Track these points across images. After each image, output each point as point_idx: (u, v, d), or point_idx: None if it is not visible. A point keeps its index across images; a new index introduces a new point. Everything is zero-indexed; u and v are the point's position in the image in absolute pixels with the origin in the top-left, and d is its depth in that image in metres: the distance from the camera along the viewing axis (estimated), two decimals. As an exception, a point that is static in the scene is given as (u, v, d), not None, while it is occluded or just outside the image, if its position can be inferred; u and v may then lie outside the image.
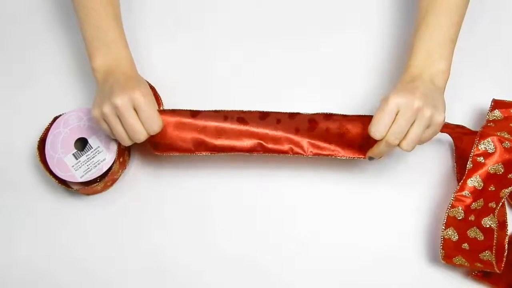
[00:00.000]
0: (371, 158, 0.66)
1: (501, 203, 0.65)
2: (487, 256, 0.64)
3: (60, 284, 0.70)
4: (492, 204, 0.65)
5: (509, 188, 0.66)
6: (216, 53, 0.79)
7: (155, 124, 0.65)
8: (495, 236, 0.64)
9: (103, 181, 0.70)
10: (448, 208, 0.66)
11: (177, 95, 0.76)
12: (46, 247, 0.71)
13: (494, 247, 0.64)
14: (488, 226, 0.64)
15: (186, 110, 0.67)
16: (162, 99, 0.74)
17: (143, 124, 0.65)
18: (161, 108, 0.73)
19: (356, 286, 0.69)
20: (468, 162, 0.67)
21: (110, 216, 0.72)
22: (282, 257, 0.70)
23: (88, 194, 0.73)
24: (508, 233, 0.68)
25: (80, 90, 0.77)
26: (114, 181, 0.73)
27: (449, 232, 0.65)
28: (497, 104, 0.70)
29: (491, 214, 0.65)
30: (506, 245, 0.66)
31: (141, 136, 0.65)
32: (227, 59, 0.78)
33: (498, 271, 0.64)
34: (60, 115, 0.72)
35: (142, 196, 0.73)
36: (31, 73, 0.78)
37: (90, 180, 0.70)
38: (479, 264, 0.64)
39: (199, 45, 0.79)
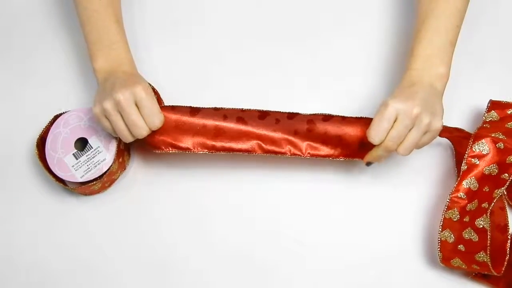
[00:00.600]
0: (369, 164, 0.67)
1: (493, 203, 0.66)
2: (482, 257, 0.64)
3: (60, 283, 0.70)
4: (485, 205, 0.66)
5: (502, 188, 0.66)
6: (216, 53, 0.79)
7: (156, 119, 0.65)
8: (488, 236, 0.65)
9: (101, 181, 0.70)
10: (444, 209, 0.66)
11: (176, 95, 0.76)
12: (46, 247, 0.71)
13: (488, 247, 0.64)
14: (481, 226, 0.65)
15: (186, 107, 0.67)
16: (162, 100, 0.74)
17: (145, 120, 0.65)
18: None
19: (356, 286, 0.69)
20: (462, 164, 0.67)
21: (110, 216, 0.72)
22: (281, 257, 0.71)
23: (85, 194, 0.73)
24: (509, 236, 0.68)
25: (81, 89, 0.77)
26: (112, 181, 0.73)
27: (446, 234, 0.66)
28: (494, 105, 0.71)
29: (484, 215, 0.66)
30: (508, 249, 0.66)
31: (143, 131, 0.65)
32: (227, 60, 0.78)
33: (496, 274, 0.65)
34: (60, 115, 0.72)
35: (141, 196, 0.73)
36: (31, 73, 0.78)
37: (90, 180, 0.70)
38: (475, 266, 0.65)
39: (199, 45, 0.79)
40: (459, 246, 0.65)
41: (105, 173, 0.70)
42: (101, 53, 0.68)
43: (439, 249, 0.66)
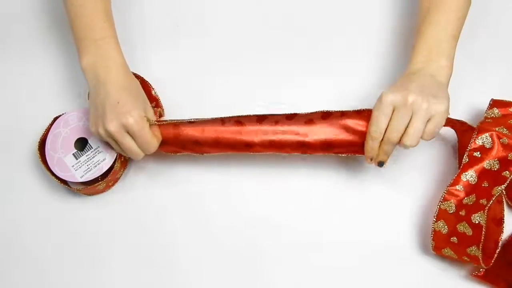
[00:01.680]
0: (381, 164, 0.66)
1: (492, 201, 0.65)
2: (474, 251, 0.64)
3: (61, 284, 0.70)
4: (483, 201, 0.65)
5: (502, 186, 0.66)
6: (215, 53, 0.78)
7: (150, 146, 0.66)
8: (483, 232, 0.64)
9: (105, 180, 0.70)
10: (440, 200, 0.66)
11: (175, 95, 0.76)
12: (48, 247, 0.72)
13: (481, 243, 0.64)
14: (477, 222, 0.64)
15: (184, 120, 0.68)
16: (155, 90, 0.75)
17: (139, 147, 0.66)
18: (153, 92, 0.74)
19: (356, 284, 0.69)
20: (464, 157, 0.67)
21: (111, 215, 0.73)
22: (282, 254, 0.70)
23: (90, 194, 0.73)
24: (507, 231, 0.68)
25: (80, 90, 0.78)
26: (116, 180, 0.73)
27: (440, 225, 0.66)
28: (495, 103, 0.70)
29: (481, 211, 0.65)
30: (500, 241, 0.66)
31: (138, 157, 0.67)
32: (226, 60, 0.78)
33: (484, 267, 0.65)
34: (60, 115, 0.72)
35: (143, 195, 0.73)
36: (31, 73, 0.79)
37: (92, 180, 0.70)
38: (466, 258, 0.65)
39: (199, 45, 0.79)
40: (452, 238, 0.65)
41: (107, 172, 0.70)
42: (88, 50, 0.67)
43: (431, 237, 0.66)
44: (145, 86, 0.73)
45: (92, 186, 0.70)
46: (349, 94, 0.76)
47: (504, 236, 0.69)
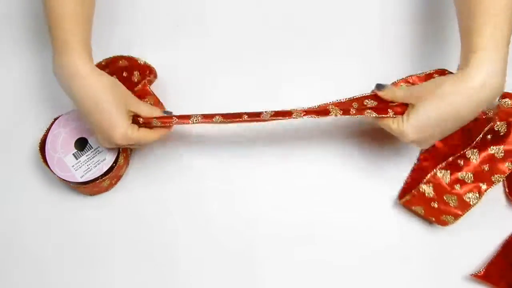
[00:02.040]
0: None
1: (491, 188, 0.66)
2: (449, 219, 0.66)
3: (61, 284, 0.70)
4: (483, 185, 0.66)
5: (502, 176, 0.66)
6: (215, 54, 0.78)
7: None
8: (468, 210, 0.65)
9: (109, 176, 0.70)
10: (439, 166, 0.66)
11: (176, 97, 0.76)
12: (47, 248, 0.72)
13: (460, 217, 0.66)
14: (468, 200, 0.66)
15: (182, 120, 0.68)
16: (154, 69, 0.75)
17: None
18: (140, 61, 0.74)
19: (357, 281, 0.69)
20: (480, 136, 0.67)
21: (111, 215, 0.73)
22: (281, 251, 0.71)
23: (93, 194, 0.73)
24: (507, 231, 0.69)
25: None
26: (118, 178, 0.73)
27: (427, 188, 0.66)
28: (505, 94, 0.70)
29: (477, 192, 0.66)
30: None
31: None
32: (227, 60, 0.78)
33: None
34: (60, 115, 0.73)
35: (143, 195, 0.73)
36: (31, 73, 0.79)
37: (92, 180, 0.70)
38: (432, 219, 0.67)
39: (199, 47, 0.79)
40: (433, 203, 0.66)
41: (108, 172, 0.70)
42: (59, 56, 0.63)
43: (411, 194, 0.67)
44: (132, 61, 0.74)
45: (97, 182, 0.70)
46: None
47: (504, 236, 0.69)
